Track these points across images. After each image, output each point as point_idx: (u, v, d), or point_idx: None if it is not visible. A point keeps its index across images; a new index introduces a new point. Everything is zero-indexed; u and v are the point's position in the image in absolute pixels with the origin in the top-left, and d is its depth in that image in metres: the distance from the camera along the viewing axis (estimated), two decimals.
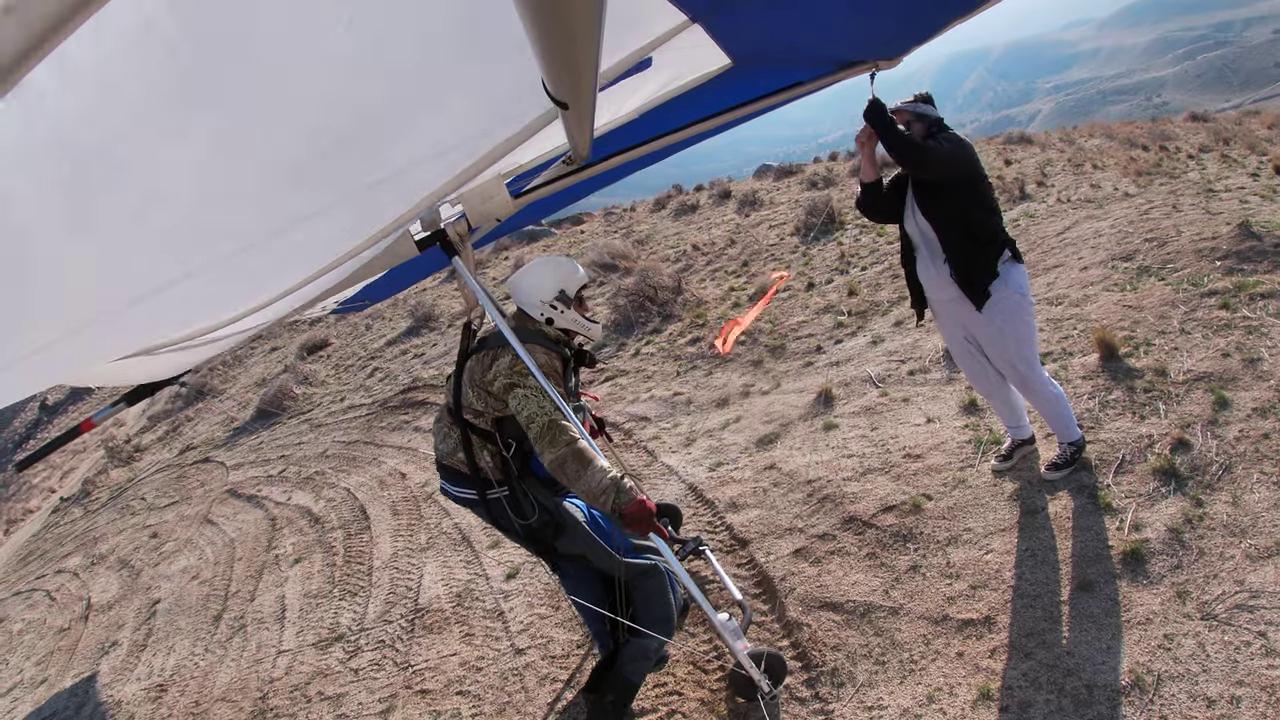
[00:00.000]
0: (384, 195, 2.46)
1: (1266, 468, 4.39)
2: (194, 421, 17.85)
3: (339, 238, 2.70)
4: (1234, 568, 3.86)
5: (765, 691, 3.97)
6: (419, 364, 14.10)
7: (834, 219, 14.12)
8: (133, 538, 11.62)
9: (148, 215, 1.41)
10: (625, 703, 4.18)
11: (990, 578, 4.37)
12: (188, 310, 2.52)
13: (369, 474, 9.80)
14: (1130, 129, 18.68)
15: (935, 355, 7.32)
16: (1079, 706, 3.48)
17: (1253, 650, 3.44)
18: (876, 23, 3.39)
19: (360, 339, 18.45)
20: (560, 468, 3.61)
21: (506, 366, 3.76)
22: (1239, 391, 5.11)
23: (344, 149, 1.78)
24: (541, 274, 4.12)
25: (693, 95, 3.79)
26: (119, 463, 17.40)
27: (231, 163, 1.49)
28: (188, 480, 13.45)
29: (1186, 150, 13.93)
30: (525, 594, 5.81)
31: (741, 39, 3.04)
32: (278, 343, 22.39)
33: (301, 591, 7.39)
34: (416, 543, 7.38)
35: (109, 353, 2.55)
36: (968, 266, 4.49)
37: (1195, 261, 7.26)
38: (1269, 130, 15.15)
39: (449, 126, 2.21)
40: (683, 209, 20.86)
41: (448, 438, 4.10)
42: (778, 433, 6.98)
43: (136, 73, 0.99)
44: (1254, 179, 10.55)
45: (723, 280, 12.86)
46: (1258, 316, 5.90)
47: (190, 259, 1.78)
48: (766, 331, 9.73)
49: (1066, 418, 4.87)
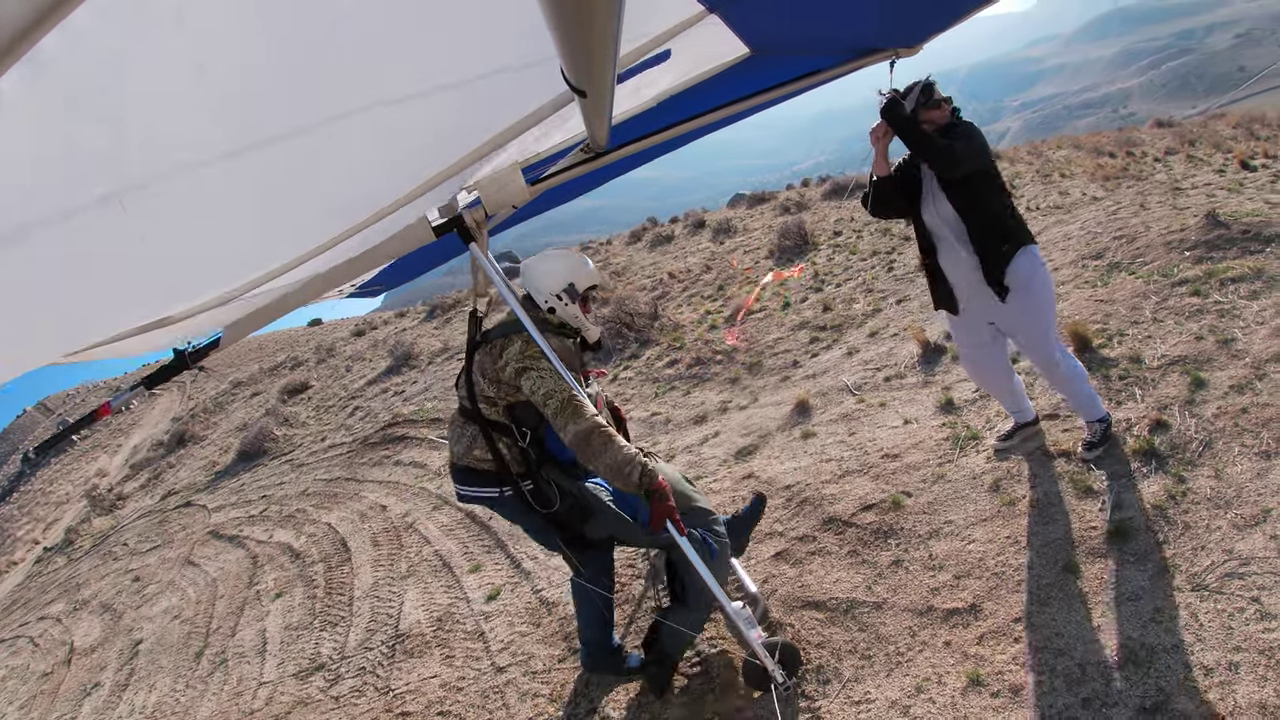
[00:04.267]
0: (402, 169, 2.48)
1: (1247, 440, 4.35)
2: (175, 468, 17.70)
3: (350, 212, 2.69)
4: (1221, 538, 3.80)
5: (779, 682, 3.87)
6: (399, 401, 14.03)
7: (807, 240, 14.16)
8: (115, 582, 11.51)
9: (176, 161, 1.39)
10: (665, 675, 4.27)
11: (974, 566, 4.30)
12: (209, 273, 2.50)
13: (350, 508, 9.68)
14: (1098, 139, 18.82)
15: (911, 361, 7.31)
16: (1072, 685, 3.40)
17: (1247, 616, 3.38)
18: (897, 10, 3.37)
19: (341, 380, 18.37)
20: (585, 442, 3.61)
21: (518, 352, 3.79)
22: (1215, 371, 5.08)
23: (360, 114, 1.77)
24: (556, 264, 4.15)
25: (710, 83, 3.80)
26: (101, 511, 17.26)
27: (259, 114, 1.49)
28: (170, 524, 13.30)
29: (1153, 154, 14.04)
30: (506, 614, 5.70)
31: (759, 29, 3.03)
32: (259, 388, 22.29)
33: (282, 624, 7.25)
34: (397, 571, 7.26)
35: (129, 318, 2.51)
36: (994, 257, 4.44)
37: (1165, 254, 7.27)
38: (1234, 130, 15.30)
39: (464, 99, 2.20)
40: (658, 240, 20.90)
41: (461, 438, 4.09)
42: (756, 444, 6.92)
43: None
44: (1220, 174, 10.63)
45: (699, 305, 12.86)
46: (1229, 300, 5.89)
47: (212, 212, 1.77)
48: (743, 350, 9.71)
49: (1089, 394, 4.77)
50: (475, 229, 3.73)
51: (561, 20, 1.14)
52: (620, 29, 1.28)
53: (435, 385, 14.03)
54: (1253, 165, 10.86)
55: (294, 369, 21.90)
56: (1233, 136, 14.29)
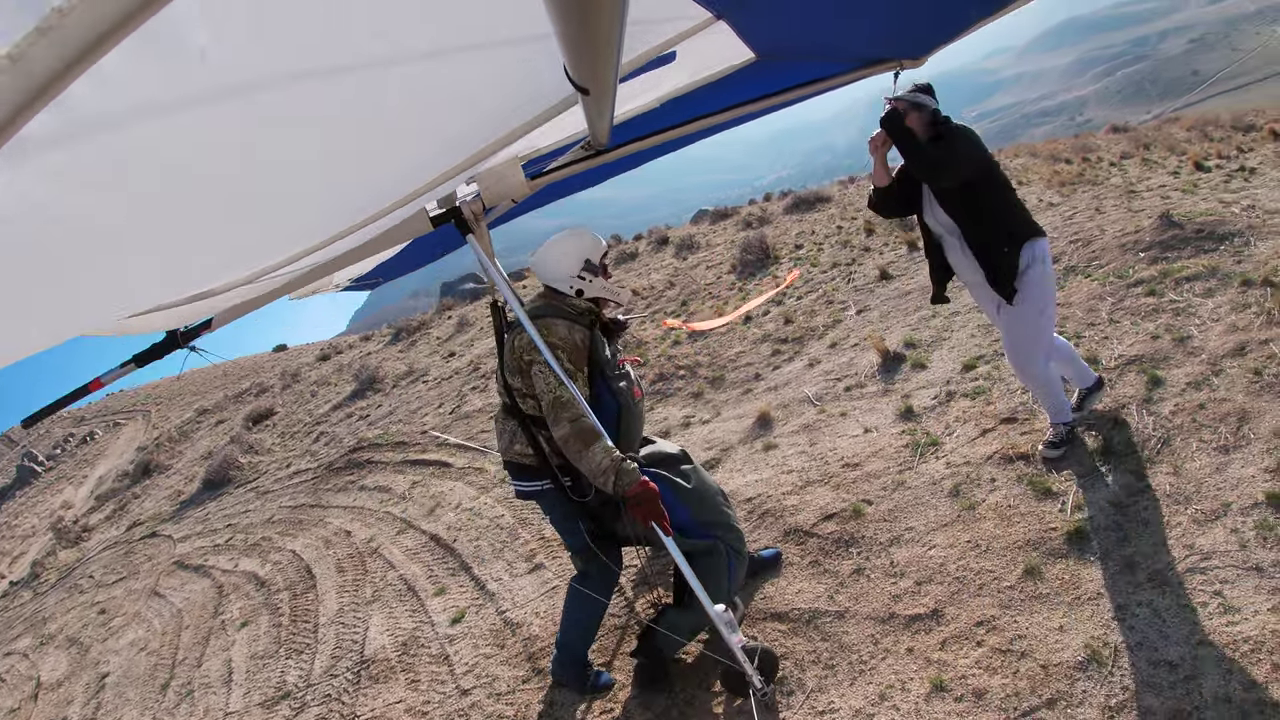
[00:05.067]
0: (403, 165, 2.45)
1: (1205, 435, 4.37)
2: (141, 498, 17.44)
3: (355, 208, 2.67)
4: (1182, 534, 3.81)
5: (757, 687, 3.82)
6: (364, 425, 13.89)
7: (769, 254, 14.19)
8: (81, 615, 11.27)
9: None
10: (655, 671, 4.28)
11: (935, 572, 4.28)
12: (211, 261, 2.45)
13: (315, 535, 9.54)
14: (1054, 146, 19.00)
15: (871, 370, 7.32)
16: (1036, 687, 3.38)
17: (1210, 610, 3.39)
18: (904, 21, 3.36)
19: (306, 405, 18.18)
20: (565, 445, 3.64)
21: (527, 343, 3.81)
22: (1171, 369, 5.11)
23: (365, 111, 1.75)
24: (565, 248, 4.12)
25: (714, 86, 3.78)
26: (67, 544, 16.94)
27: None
28: (135, 555, 13.06)
29: (1108, 159, 14.19)
30: (470, 636, 5.62)
31: (766, 35, 3.01)
32: (224, 415, 22.04)
33: (248, 654, 7.11)
34: (362, 597, 7.14)
35: (128, 303, 2.45)
36: (995, 262, 4.42)
37: (1120, 256, 7.34)
38: (1188, 132, 15.52)
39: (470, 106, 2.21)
40: (622, 258, 20.87)
41: (504, 433, 4.12)
42: (718, 458, 6.88)
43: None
44: (1174, 176, 10.75)
45: (660, 322, 12.84)
46: (1184, 298, 5.94)
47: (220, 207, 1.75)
48: (705, 365, 9.69)
49: (1060, 399, 4.76)
50: (474, 221, 3.71)
51: (566, 19, 1.15)
52: (624, 29, 1.29)
53: (400, 409, 13.91)
54: (1207, 166, 11.00)
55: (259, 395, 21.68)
56: (1187, 139, 14.49)
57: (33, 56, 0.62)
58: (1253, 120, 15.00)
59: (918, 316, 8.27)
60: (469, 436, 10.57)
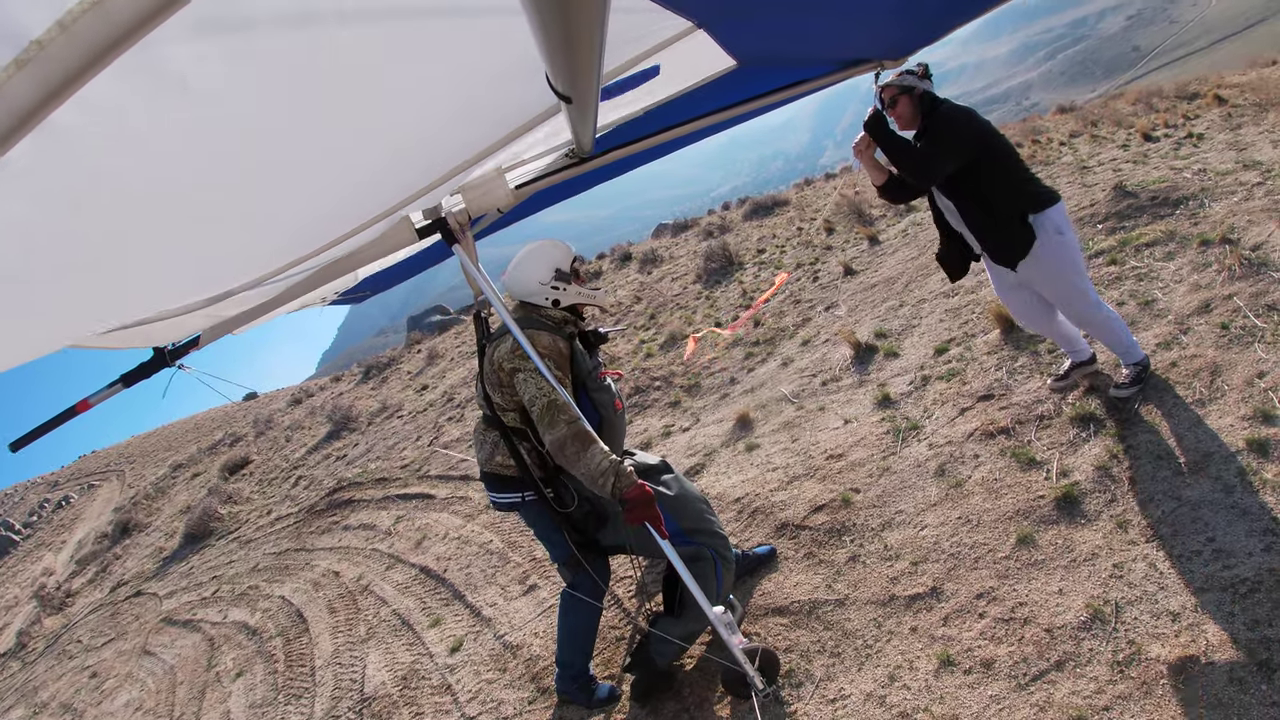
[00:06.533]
0: (384, 179, 2.45)
1: (1180, 391, 4.43)
2: (122, 558, 17.18)
3: (338, 220, 2.66)
4: (1168, 487, 3.86)
5: (759, 689, 3.80)
6: (342, 465, 13.76)
7: (732, 260, 14.25)
8: (73, 681, 11.06)
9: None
10: (650, 682, 4.24)
11: (930, 551, 4.29)
12: (190, 275, 2.43)
13: (302, 579, 9.42)
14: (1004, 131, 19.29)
15: (844, 363, 7.35)
16: (1043, 651, 3.39)
17: (1205, 557, 3.43)
18: (883, 27, 3.39)
19: (281, 451, 17.99)
20: (560, 449, 3.59)
21: (508, 351, 3.80)
22: (1140, 332, 5.18)
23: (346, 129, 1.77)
24: (534, 259, 4.11)
25: (696, 93, 3.79)
26: (51, 610, 16.64)
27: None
28: (122, 616, 12.84)
29: (1058, 139, 14.37)
30: (471, 664, 5.57)
31: (746, 43, 3.03)
32: (199, 468, 21.78)
33: (246, 704, 7.00)
34: (357, 635, 7.06)
35: (110, 316, 2.41)
36: (994, 241, 4.45)
37: (1079, 230, 7.42)
38: (1134, 106, 15.74)
39: (452, 114, 2.21)
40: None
41: (484, 444, 4.10)
42: (702, 463, 6.88)
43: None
44: (1124, 150, 10.91)
45: (631, 335, 12.83)
46: (1145, 264, 6.03)
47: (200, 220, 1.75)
48: (680, 374, 9.70)
49: (1127, 341, 4.66)
50: (459, 231, 3.70)
51: (547, 28, 1.16)
52: (605, 38, 1.32)
53: (377, 445, 13.80)
54: (1154, 136, 11.18)
55: (233, 445, 21.44)
56: (1133, 112, 14.68)
57: (12, 87, 0.63)
58: (1196, 89, 15.22)
59: (885, 308, 8.32)
60: (449, 466, 10.51)
